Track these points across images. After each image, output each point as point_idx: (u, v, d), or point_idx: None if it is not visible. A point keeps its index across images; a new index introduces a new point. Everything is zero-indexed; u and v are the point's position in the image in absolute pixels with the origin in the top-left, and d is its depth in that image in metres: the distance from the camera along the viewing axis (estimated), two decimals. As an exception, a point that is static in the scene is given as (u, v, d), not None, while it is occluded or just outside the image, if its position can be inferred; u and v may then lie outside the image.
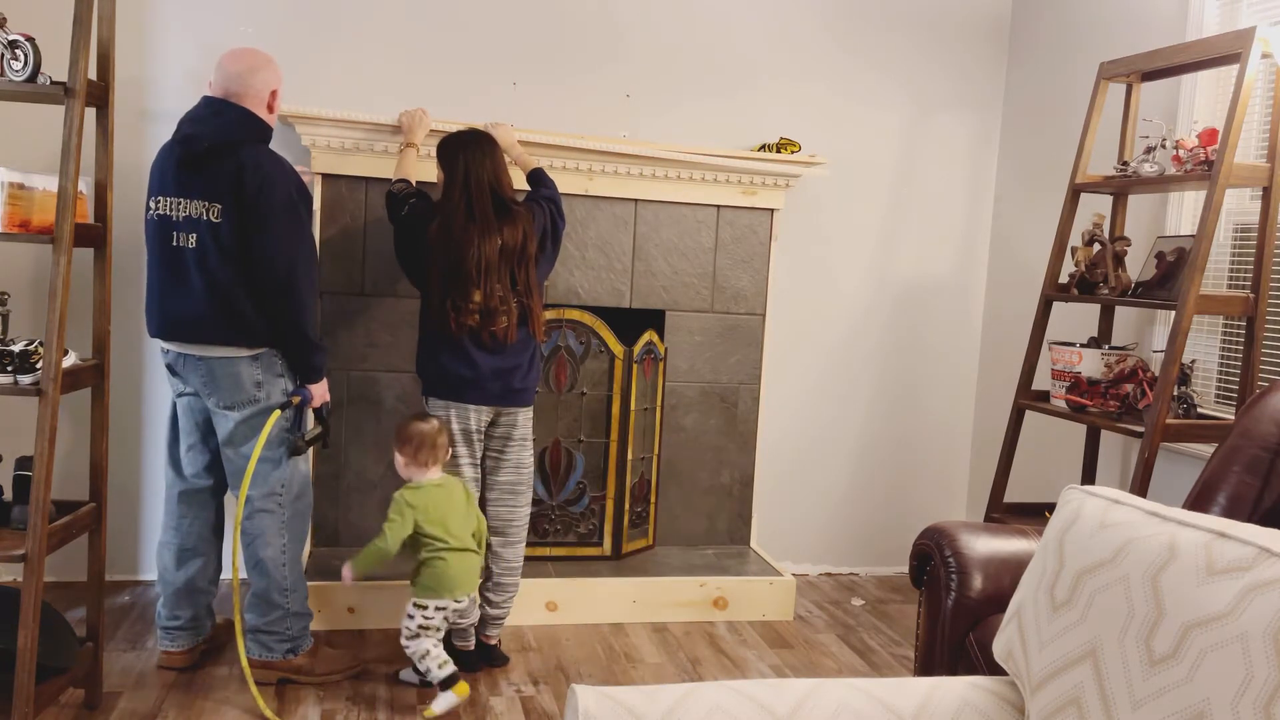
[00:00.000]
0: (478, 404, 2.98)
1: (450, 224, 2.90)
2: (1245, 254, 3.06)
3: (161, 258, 2.71)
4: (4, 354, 2.31)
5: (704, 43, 3.89)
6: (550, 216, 3.08)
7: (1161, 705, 1.19)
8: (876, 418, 4.23)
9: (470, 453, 3.03)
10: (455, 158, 2.94)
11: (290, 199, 2.66)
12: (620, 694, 1.37)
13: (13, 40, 2.30)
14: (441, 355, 2.97)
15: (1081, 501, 1.48)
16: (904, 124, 4.12)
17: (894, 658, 3.39)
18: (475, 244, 2.87)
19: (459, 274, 2.88)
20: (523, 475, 3.11)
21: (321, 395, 2.86)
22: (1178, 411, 2.92)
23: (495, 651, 3.13)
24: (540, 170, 3.22)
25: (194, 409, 2.85)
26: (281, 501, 2.82)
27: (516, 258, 2.94)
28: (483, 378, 2.96)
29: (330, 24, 3.57)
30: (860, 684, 1.46)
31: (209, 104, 2.73)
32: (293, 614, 2.85)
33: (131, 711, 2.68)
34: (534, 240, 2.98)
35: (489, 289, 2.89)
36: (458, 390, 2.97)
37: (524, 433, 3.09)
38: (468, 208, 2.90)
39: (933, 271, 4.22)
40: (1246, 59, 2.68)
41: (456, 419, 2.98)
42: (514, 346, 2.99)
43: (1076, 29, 3.78)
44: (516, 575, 3.13)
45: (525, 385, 3.04)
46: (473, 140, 2.97)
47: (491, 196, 2.92)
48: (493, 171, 2.94)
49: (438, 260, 2.90)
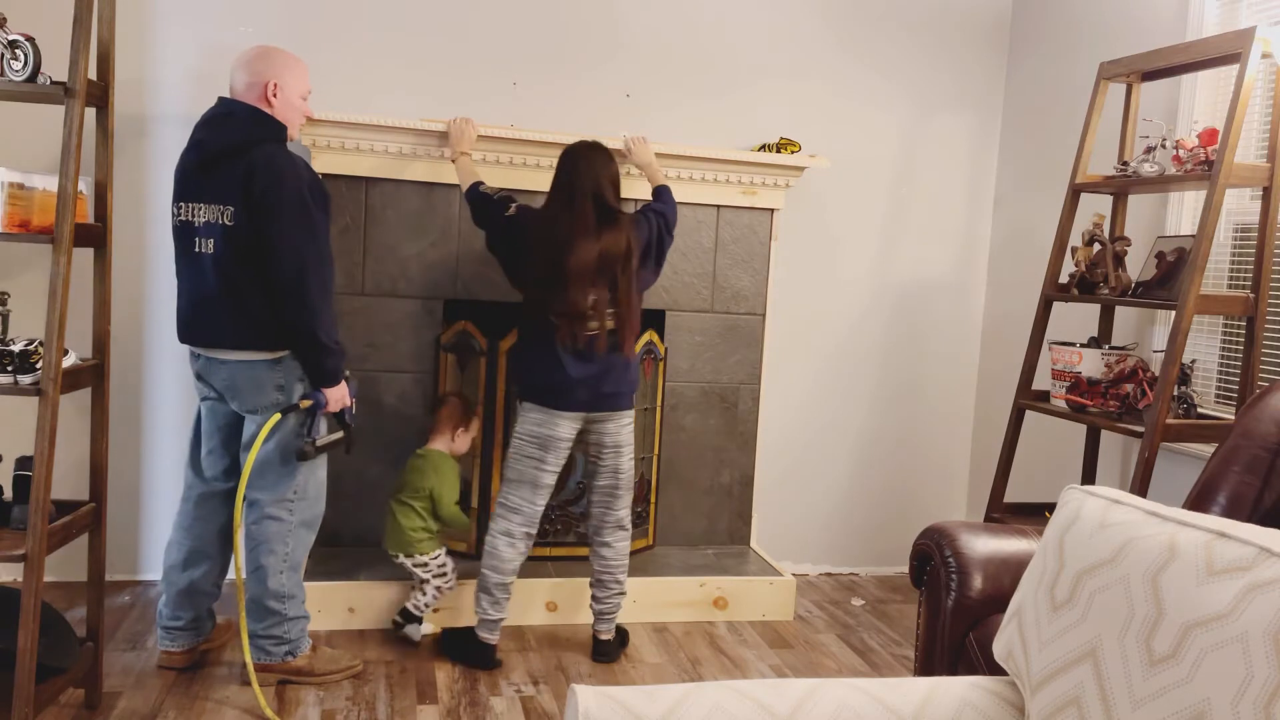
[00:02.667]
0: (566, 410, 3.01)
1: (552, 227, 2.93)
2: (1245, 254, 3.06)
3: (186, 263, 2.71)
4: (4, 354, 2.31)
5: (704, 43, 3.89)
6: (658, 230, 3.09)
7: (1161, 705, 1.19)
8: (876, 417, 4.23)
9: (549, 459, 3.05)
10: (565, 163, 3.00)
11: (300, 197, 2.61)
12: (620, 694, 1.37)
13: (13, 40, 2.30)
14: (533, 360, 3.01)
15: (1081, 501, 1.48)
16: (904, 124, 4.12)
17: (894, 658, 3.39)
18: (575, 248, 2.89)
19: (557, 278, 2.90)
20: (620, 479, 3.16)
21: (339, 400, 2.80)
22: (1178, 411, 2.92)
23: (603, 645, 3.20)
24: (666, 188, 3.24)
25: (217, 413, 2.84)
26: (292, 508, 2.80)
27: (619, 265, 2.95)
28: (571, 384, 2.98)
29: (330, 24, 3.57)
30: (860, 684, 1.46)
31: (221, 104, 2.73)
32: (290, 619, 2.84)
33: (131, 711, 2.68)
34: (637, 250, 2.98)
35: (586, 294, 2.92)
36: (546, 396, 3.00)
37: (617, 440, 3.12)
38: (569, 212, 2.93)
39: (933, 271, 4.22)
40: (1246, 59, 2.68)
41: (543, 424, 3.02)
42: (609, 353, 3.00)
43: (1076, 29, 3.78)
44: (617, 574, 3.18)
45: (617, 390, 3.05)
46: (584, 147, 3.02)
47: (594, 202, 2.94)
48: (596, 178, 2.96)
49: (537, 263, 2.93)
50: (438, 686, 2.95)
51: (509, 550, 3.07)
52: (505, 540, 3.06)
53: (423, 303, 3.59)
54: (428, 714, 2.78)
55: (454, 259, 3.59)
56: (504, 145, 3.47)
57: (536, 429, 3.03)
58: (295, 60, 2.78)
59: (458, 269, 3.60)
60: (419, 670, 3.05)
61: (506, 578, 3.08)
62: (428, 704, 2.83)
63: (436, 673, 3.04)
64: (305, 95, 2.80)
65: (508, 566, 3.07)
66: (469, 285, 3.62)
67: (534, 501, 3.08)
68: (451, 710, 2.81)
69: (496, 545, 3.07)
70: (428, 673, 3.03)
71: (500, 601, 3.08)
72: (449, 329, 3.61)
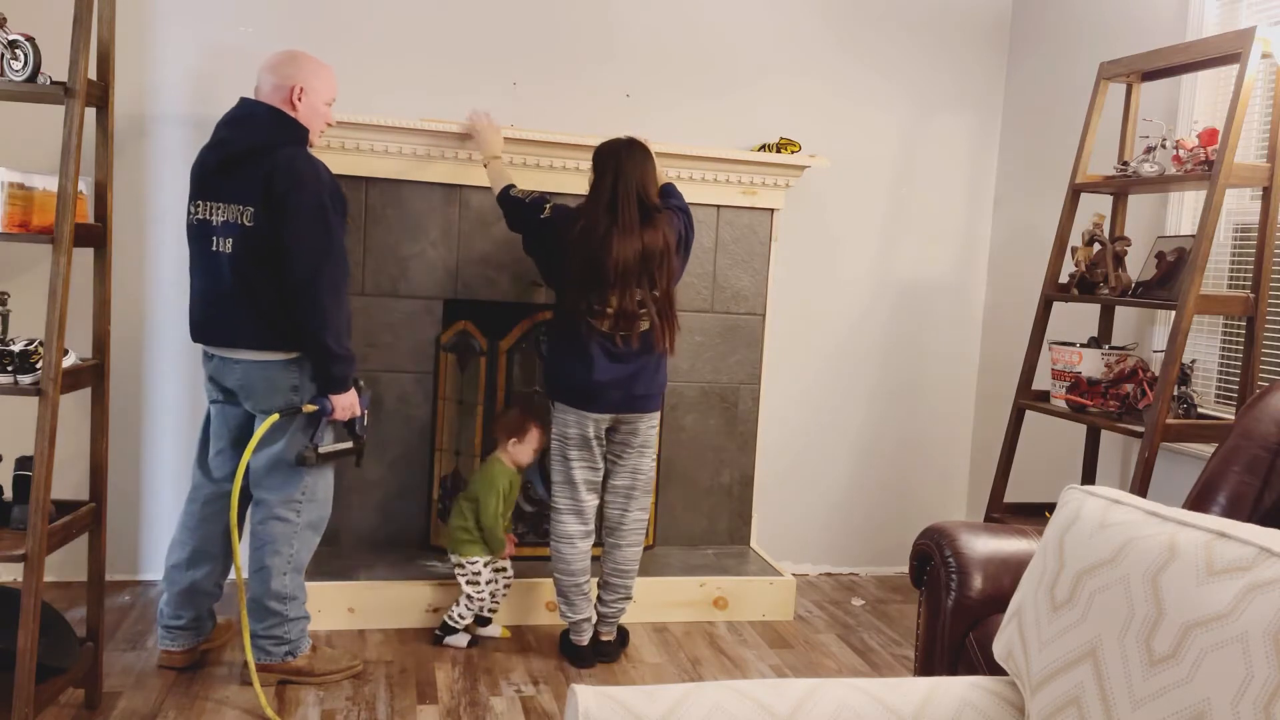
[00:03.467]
0: (597, 412, 3.03)
1: (593, 227, 2.93)
2: (1245, 254, 3.06)
3: (202, 262, 2.71)
4: (4, 354, 2.31)
5: (704, 43, 3.89)
6: (685, 224, 3.10)
7: (1161, 705, 1.19)
8: (876, 417, 4.23)
9: (588, 457, 3.09)
10: (606, 162, 2.99)
11: (319, 201, 2.61)
12: (620, 694, 1.37)
13: (13, 40, 2.30)
14: (566, 361, 3.02)
15: (1081, 501, 1.48)
16: (904, 124, 4.12)
17: (894, 658, 3.39)
18: (616, 247, 2.90)
19: (598, 277, 2.91)
20: (638, 480, 3.16)
21: (347, 408, 2.77)
22: (1178, 411, 2.92)
23: (603, 646, 3.19)
24: (671, 184, 3.25)
25: (227, 415, 2.84)
26: (299, 510, 2.79)
27: (656, 262, 2.96)
28: (603, 385, 3.00)
29: (330, 24, 3.57)
30: (860, 684, 1.46)
31: (243, 104, 2.73)
32: (291, 619, 2.84)
33: (131, 711, 2.68)
34: (674, 247, 2.99)
35: (627, 293, 2.93)
36: (578, 397, 3.02)
37: (644, 439, 3.13)
38: (612, 211, 2.93)
39: (933, 271, 4.22)
40: (1246, 59, 2.68)
41: (576, 424, 3.04)
42: (642, 352, 3.01)
43: (1076, 29, 3.78)
44: (626, 578, 3.18)
45: (648, 392, 3.06)
46: (627, 146, 3.01)
47: (638, 202, 2.95)
48: (641, 178, 2.96)
49: (576, 263, 2.94)
50: (438, 686, 2.95)
51: (570, 551, 3.10)
52: (565, 543, 3.11)
53: (423, 303, 3.59)
54: (428, 714, 2.78)
55: (454, 259, 3.59)
56: (504, 145, 3.47)
57: (571, 430, 3.07)
58: (322, 66, 2.78)
59: (458, 269, 3.60)
60: (419, 670, 3.05)
61: (577, 578, 3.11)
62: (428, 704, 2.83)
63: (436, 673, 3.04)
64: (330, 101, 2.80)
65: (574, 568, 3.10)
66: (469, 285, 3.62)
67: (579, 500, 3.11)
68: (451, 710, 2.81)
69: (559, 549, 3.12)
70: (428, 673, 3.03)
71: (576, 603, 3.12)
72: (449, 329, 3.62)
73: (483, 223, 3.60)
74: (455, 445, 3.64)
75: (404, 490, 3.64)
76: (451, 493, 3.64)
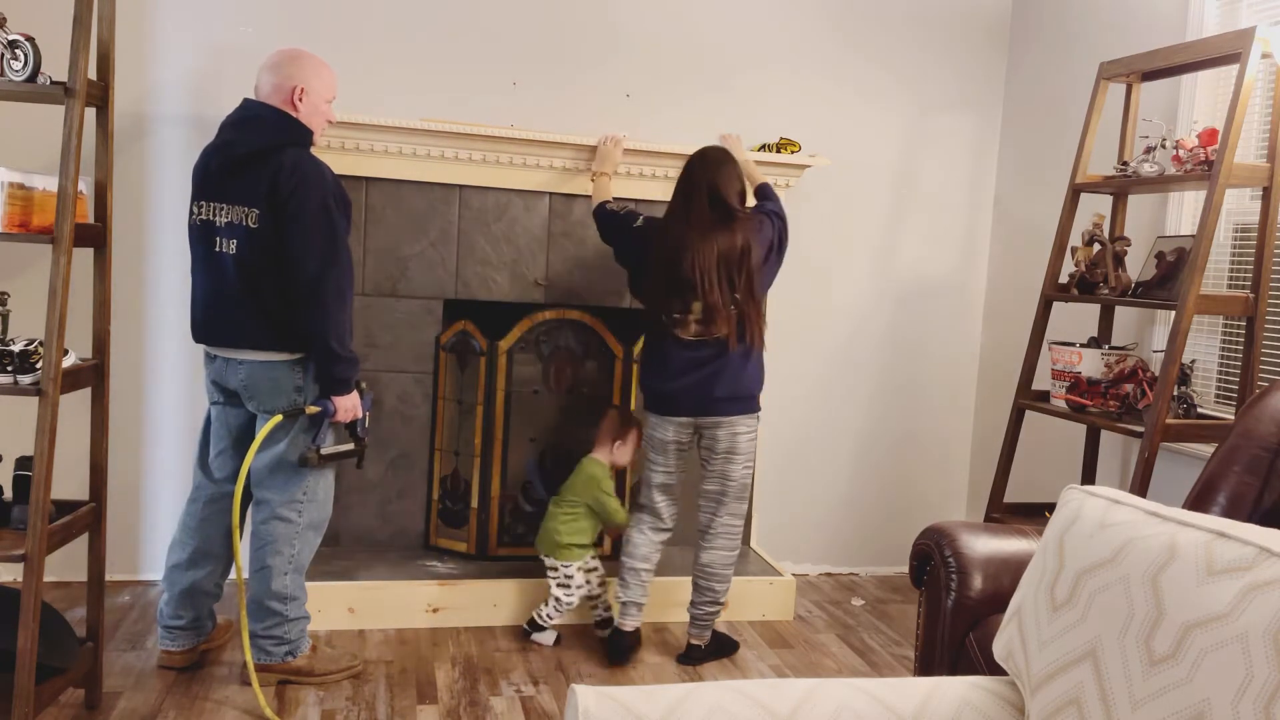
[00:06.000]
0: (674, 416, 3.09)
1: (669, 230, 2.99)
2: (1245, 254, 3.06)
3: (205, 263, 2.70)
4: (4, 354, 2.31)
5: (704, 43, 3.89)
6: (778, 230, 3.13)
7: (1161, 705, 1.19)
8: (876, 417, 4.23)
9: (664, 462, 3.17)
10: (685, 168, 3.06)
11: (324, 204, 2.62)
12: (620, 694, 1.37)
13: (13, 40, 2.30)
14: (649, 368, 3.12)
15: (1081, 501, 1.48)
16: (904, 124, 4.12)
17: (894, 658, 3.39)
18: (691, 249, 2.93)
19: (676, 280, 2.95)
20: (728, 486, 3.16)
21: (349, 410, 2.77)
22: (1178, 411, 2.92)
23: (694, 651, 3.22)
24: (768, 185, 3.29)
25: (229, 416, 2.84)
26: (301, 510, 2.80)
27: (736, 265, 2.97)
28: (677, 391, 3.05)
29: (330, 24, 3.57)
30: (860, 684, 1.46)
31: (247, 106, 2.73)
32: (291, 620, 2.83)
33: (131, 711, 2.68)
34: (756, 249, 3.00)
35: (708, 296, 2.95)
36: (656, 402, 3.11)
37: (729, 445, 3.12)
38: (685, 213, 2.98)
39: (933, 271, 4.22)
40: (1246, 59, 2.68)
41: (658, 429, 3.14)
42: (724, 356, 3.02)
43: (1076, 29, 3.78)
44: (712, 580, 3.19)
45: (730, 395, 3.06)
46: (700, 153, 3.08)
47: (709, 203, 2.97)
48: (713, 179, 2.99)
49: (656, 269, 2.98)
50: (438, 686, 2.95)
51: (639, 537, 3.20)
52: (636, 530, 3.22)
53: (422, 303, 3.59)
54: (428, 714, 2.78)
55: (454, 259, 3.59)
56: (504, 145, 3.47)
57: (655, 433, 3.16)
58: (322, 65, 2.78)
59: (458, 269, 3.60)
60: (419, 670, 3.05)
61: (637, 563, 3.19)
62: (428, 704, 2.83)
63: (436, 673, 3.04)
64: (330, 100, 2.80)
65: (638, 552, 3.19)
66: (469, 285, 3.61)
67: (655, 500, 3.20)
68: (451, 710, 2.81)
69: (630, 534, 3.23)
70: (428, 673, 3.03)
71: (628, 584, 3.19)
72: (449, 329, 3.62)
73: (483, 223, 3.60)
74: (455, 445, 3.64)
75: (404, 490, 3.64)
76: (452, 493, 3.64)
